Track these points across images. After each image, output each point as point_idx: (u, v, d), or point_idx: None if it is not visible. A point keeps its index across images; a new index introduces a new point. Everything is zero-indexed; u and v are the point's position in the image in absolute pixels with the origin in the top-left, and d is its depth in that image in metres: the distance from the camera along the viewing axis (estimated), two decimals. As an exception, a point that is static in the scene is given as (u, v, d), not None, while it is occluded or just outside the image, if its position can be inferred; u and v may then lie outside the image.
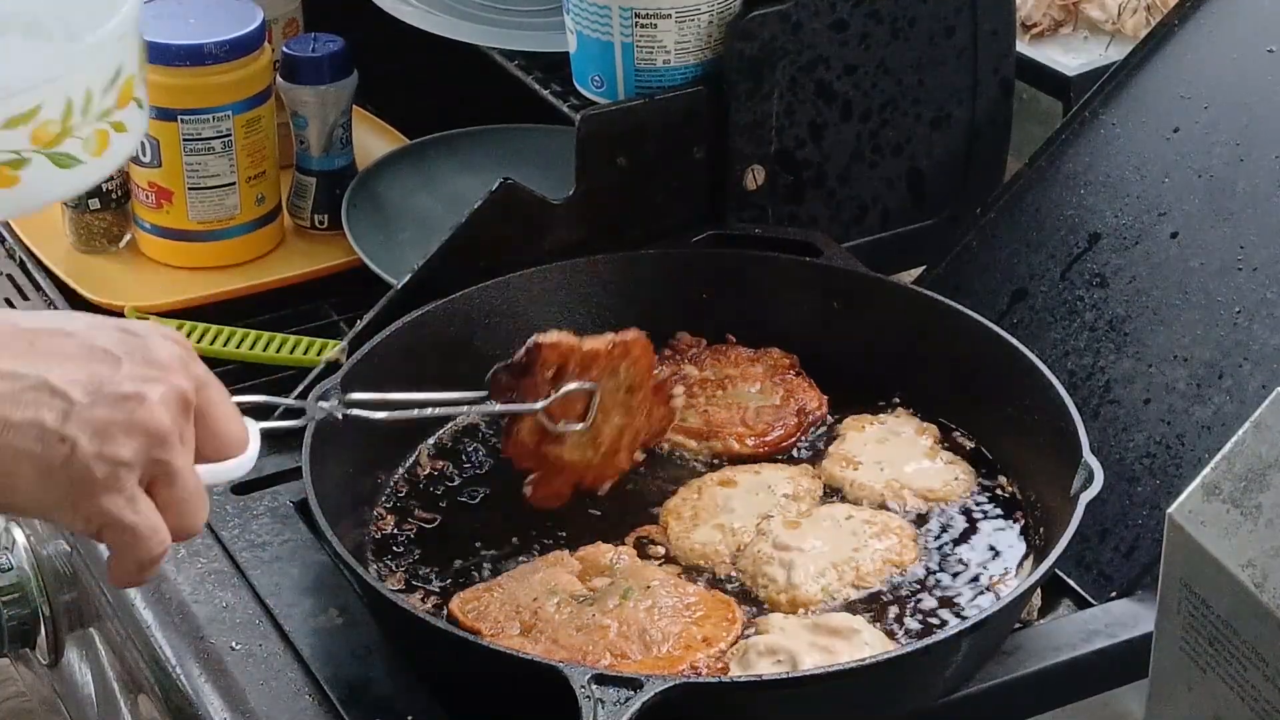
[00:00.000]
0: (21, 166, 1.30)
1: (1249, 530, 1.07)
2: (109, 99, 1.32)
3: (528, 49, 1.65)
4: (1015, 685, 1.29)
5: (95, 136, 1.32)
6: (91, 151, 1.33)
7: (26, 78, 1.28)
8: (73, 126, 1.30)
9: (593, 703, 1.15)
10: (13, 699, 1.94)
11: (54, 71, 1.29)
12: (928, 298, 1.51)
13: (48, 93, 1.28)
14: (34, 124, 1.28)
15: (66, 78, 1.29)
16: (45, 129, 1.29)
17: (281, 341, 1.63)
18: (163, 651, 1.34)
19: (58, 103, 1.29)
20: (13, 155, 1.29)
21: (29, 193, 1.31)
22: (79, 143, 1.31)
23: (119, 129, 1.34)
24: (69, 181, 1.32)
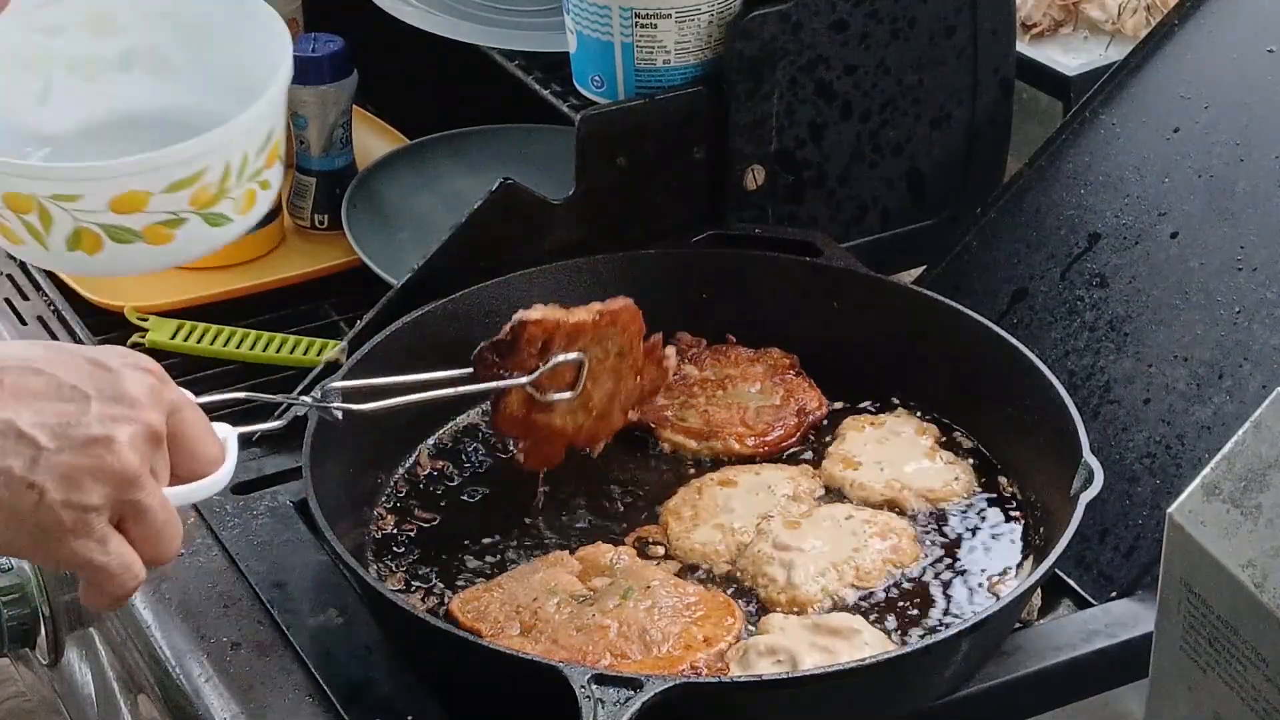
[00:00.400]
0: (178, 226, 1.35)
1: (1249, 530, 1.07)
2: (260, 160, 1.38)
3: (528, 49, 1.65)
4: (1015, 685, 1.29)
5: (245, 196, 1.38)
6: (240, 210, 1.39)
7: (199, 148, 1.33)
8: (228, 189, 1.36)
9: (593, 703, 1.15)
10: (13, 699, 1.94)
11: (222, 140, 1.34)
12: (928, 298, 1.51)
13: (212, 160, 1.34)
14: (195, 188, 1.34)
15: (230, 145, 1.34)
16: (204, 192, 1.35)
17: (281, 341, 1.63)
18: (163, 651, 1.34)
19: (219, 168, 1.34)
20: (170, 216, 1.34)
21: (178, 249, 1.37)
22: (231, 203, 1.37)
23: (264, 186, 1.40)
24: (217, 238, 1.37)
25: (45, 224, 1.34)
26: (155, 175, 1.33)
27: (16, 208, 1.33)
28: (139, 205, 1.33)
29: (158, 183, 1.33)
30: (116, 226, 1.33)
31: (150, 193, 1.33)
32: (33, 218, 1.33)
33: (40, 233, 1.34)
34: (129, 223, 1.34)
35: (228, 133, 1.35)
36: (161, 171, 1.33)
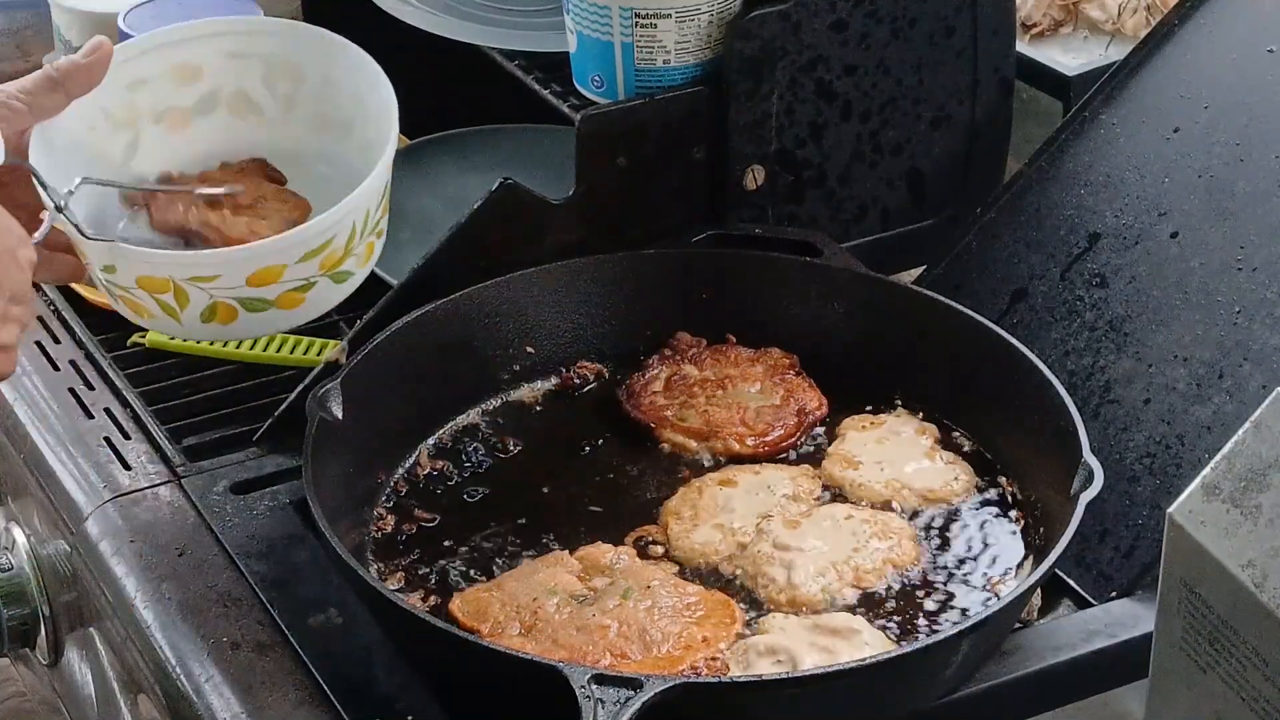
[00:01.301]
0: (308, 290, 1.37)
1: (1249, 530, 1.07)
2: (379, 213, 1.40)
3: (528, 49, 1.65)
4: (1015, 685, 1.29)
5: (366, 250, 1.40)
6: (361, 264, 1.41)
7: (332, 219, 1.36)
8: (353, 247, 1.38)
9: (593, 703, 1.15)
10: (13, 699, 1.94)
11: (352, 207, 1.36)
12: (928, 298, 1.51)
13: (340, 227, 1.36)
14: (325, 254, 1.36)
15: (357, 209, 1.37)
16: (332, 255, 1.37)
17: (281, 341, 1.63)
18: (163, 651, 1.34)
19: (346, 232, 1.37)
20: (302, 282, 1.36)
21: (307, 310, 1.39)
22: (354, 259, 1.39)
23: (379, 235, 1.42)
24: (341, 292, 1.41)
25: (181, 302, 1.36)
26: (289, 251, 1.35)
27: (151, 288, 1.35)
28: (274, 278, 1.35)
29: (292, 255, 1.35)
30: (252, 299, 1.36)
31: (285, 265, 1.35)
32: (168, 297, 1.35)
33: (175, 310, 1.36)
34: (264, 294, 1.36)
35: (357, 199, 1.37)
36: (295, 247, 1.35)
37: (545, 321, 1.53)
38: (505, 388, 1.52)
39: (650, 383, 1.51)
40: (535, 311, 1.53)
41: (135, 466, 1.50)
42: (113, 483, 1.48)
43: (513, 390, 1.52)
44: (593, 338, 1.55)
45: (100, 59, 1.38)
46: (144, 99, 1.45)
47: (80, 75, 1.37)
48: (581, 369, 1.54)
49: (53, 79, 1.36)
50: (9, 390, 1.60)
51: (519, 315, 1.52)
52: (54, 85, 1.36)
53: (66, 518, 1.48)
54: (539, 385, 1.53)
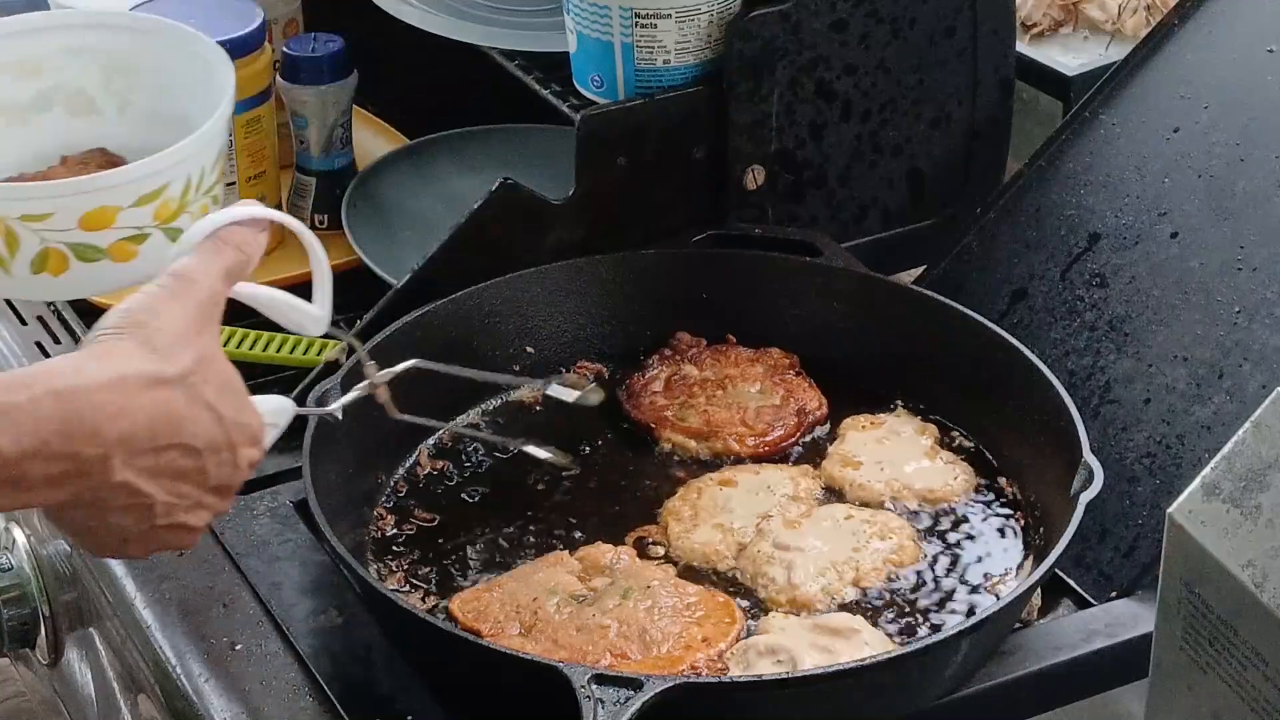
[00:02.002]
0: (141, 241, 1.36)
1: (1249, 530, 1.07)
2: (214, 175, 1.40)
3: (528, 49, 1.65)
4: (1015, 685, 1.29)
5: (200, 210, 1.39)
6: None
7: (167, 160, 1.36)
8: (187, 203, 1.38)
9: (593, 703, 1.15)
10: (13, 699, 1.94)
11: (186, 154, 1.36)
12: (928, 298, 1.51)
13: (174, 174, 1.36)
14: (159, 202, 1.36)
15: (192, 159, 1.37)
16: (166, 206, 1.36)
17: (281, 341, 1.63)
18: (163, 651, 1.34)
19: (181, 182, 1.37)
20: (135, 231, 1.35)
21: (139, 266, 1.38)
22: (188, 217, 1.38)
23: (215, 200, 1.42)
24: (174, 253, 1.37)
25: (11, 248, 1.35)
26: (125, 190, 1.35)
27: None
28: (108, 221, 1.35)
29: (126, 197, 1.35)
30: (84, 245, 1.35)
31: (119, 207, 1.35)
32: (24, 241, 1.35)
33: (4, 258, 1.35)
34: (96, 240, 1.35)
35: (191, 146, 1.37)
36: (131, 186, 1.35)
37: (545, 321, 1.53)
38: (505, 388, 1.52)
39: (650, 383, 1.51)
40: (535, 311, 1.53)
41: (135, 466, 1.49)
42: (113, 483, 1.48)
43: (513, 390, 1.52)
44: (593, 338, 1.55)
45: None
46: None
47: None
48: (581, 369, 1.54)
49: None
50: (9, 390, 1.59)
51: (519, 315, 1.52)
52: None
53: (66, 518, 1.48)
54: (539, 385, 1.53)
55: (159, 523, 1.16)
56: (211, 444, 1.16)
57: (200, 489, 1.17)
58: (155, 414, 1.13)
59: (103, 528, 1.16)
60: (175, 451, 1.14)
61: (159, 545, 1.19)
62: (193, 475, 1.16)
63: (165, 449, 1.14)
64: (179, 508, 1.16)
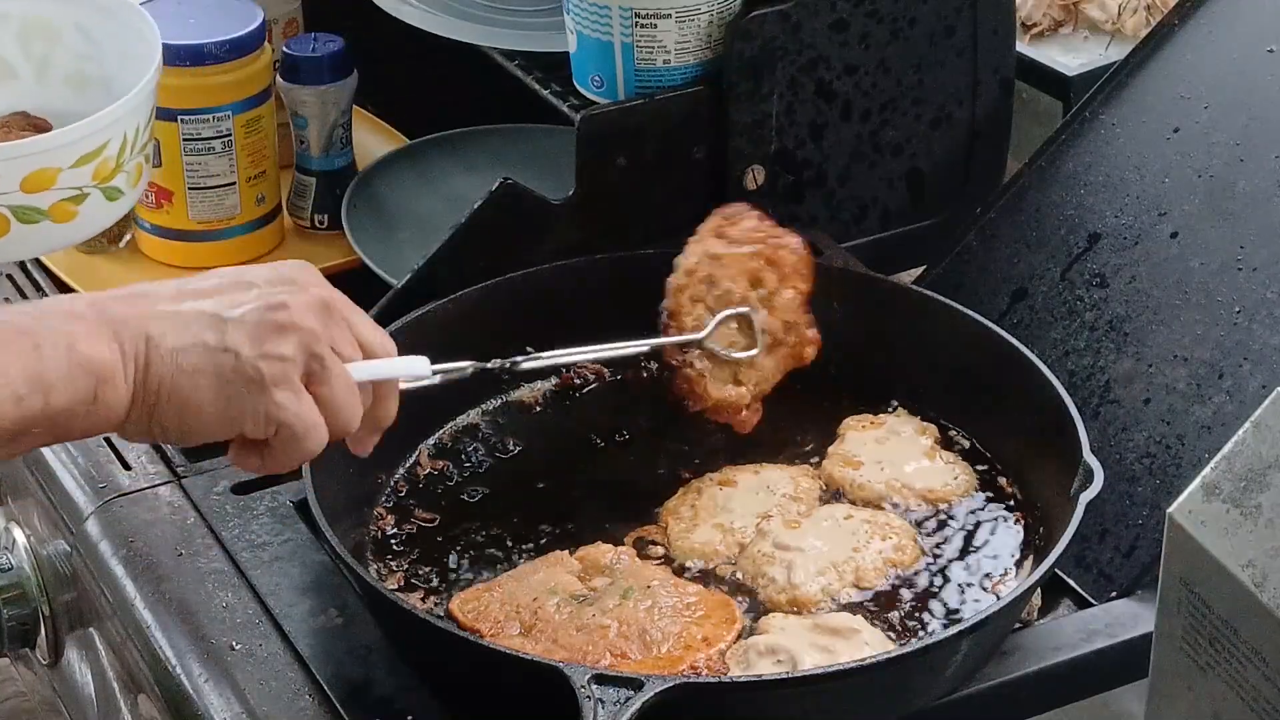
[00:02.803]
0: (81, 201, 1.37)
1: (1249, 530, 1.07)
2: (145, 134, 1.42)
3: (528, 49, 1.65)
4: (1015, 685, 1.29)
5: (135, 169, 1.41)
6: (131, 183, 1.42)
7: (105, 120, 1.37)
8: (124, 162, 1.39)
9: (593, 703, 1.15)
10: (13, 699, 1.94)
11: (123, 112, 1.38)
12: (928, 298, 1.51)
13: (112, 132, 1.37)
14: (97, 161, 1.37)
15: (126, 118, 1.38)
16: (104, 166, 1.38)
17: (282, 341, 1.63)
18: (163, 651, 1.34)
19: (118, 140, 1.38)
20: (75, 191, 1.37)
21: (79, 226, 1.39)
22: (125, 176, 1.40)
23: (148, 160, 1.44)
24: (113, 212, 1.41)
25: None
26: (65, 151, 1.36)
27: None
28: (48, 183, 1.36)
29: (67, 158, 1.36)
30: (25, 207, 1.36)
31: (60, 169, 1.36)
32: None
33: None
34: (37, 202, 1.36)
35: (128, 104, 1.38)
36: (71, 147, 1.36)
37: (545, 321, 1.53)
38: (505, 388, 1.52)
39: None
40: (535, 311, 1.53)
41: (135, 466, 1.50)
42: (113, 483, 1.48)
43: (513, 390, 1.52)
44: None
45: None
46: None
47: None
48: (581, 369, 1.54)
49: None
50: (9, 390, 1.59)
51: (519, 315, 1.52)
52: None
53: (66, 518, 1.48)
54: (539, 385, 1.53)
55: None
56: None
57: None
58: None
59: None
60: None
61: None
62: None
63: None
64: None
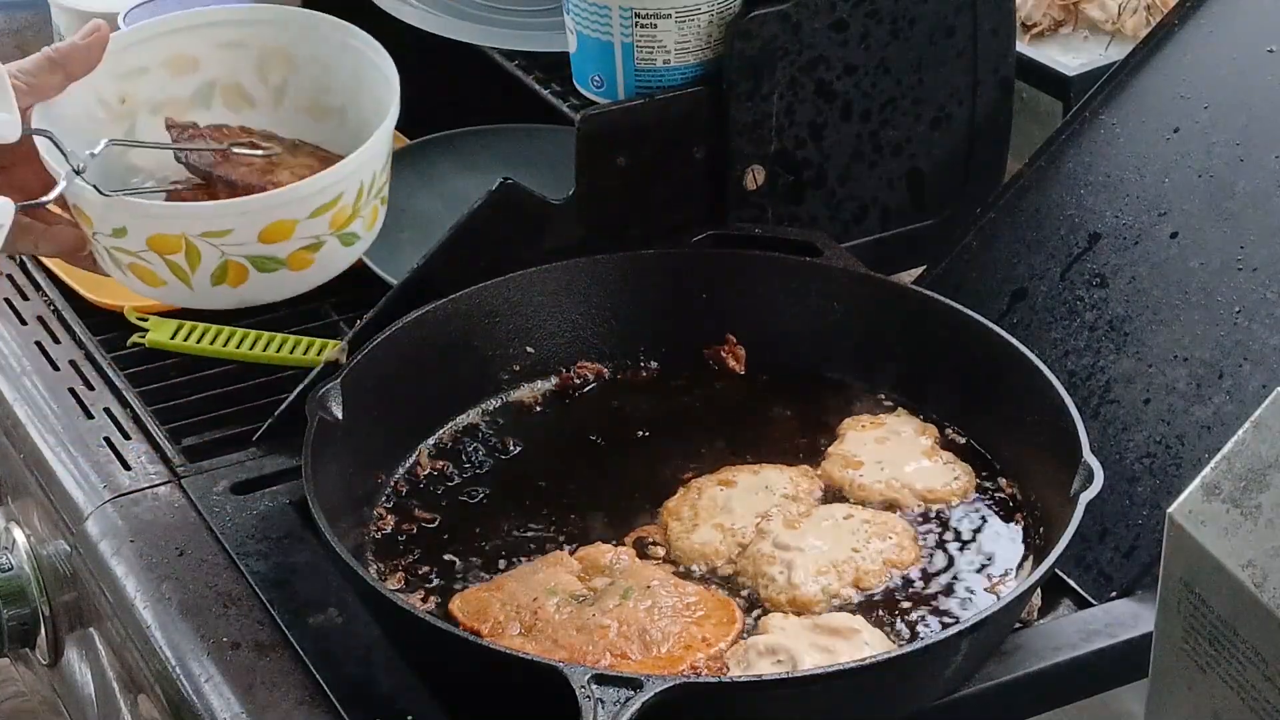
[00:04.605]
0: (317, 249, 1.39)
1: (1249, 530, 1.07)
2: (384, 177, 1.43)
3: (528, 49, 1.65)
4: (1015, 685, 1.29)
5: (371, 213, 1.42)
6: (367, 227, 1.43)
7: (342, 172, 1.38)
8: (360, 208, 1.40)
9: (593, 703, 1.15)
10: (13, 699, 1.94)
11: (360, 163, 1.38)
12: (928, 298, 1.51)
13: (349, 183, 1.38)
14: (334, 211, 1.38)
15: (365, 166, 1.39)
16: (341, 214, 1.38)
17: (281, 341, 1.63)
18: (163, 651, 1.34)
19: (354, 189, 1.38)
20: (312, 240, 1.38)
21: (316, 272, 1.41)
22: (361, 221, 1.41)
23: (383, 201, 1.44)
24: (349, 256, 1.43)
25: (192, 262, 1.36)
26: (302, 204, 1.36)
27: (162, 249, 1.36)
28: (286, 234, 1.36)
29: (303, 210, 1.36)
30: (263, 256, 1.37)
31: (297, 220, 1.36)
32: (179, 257, 1.36)
33: (185, 271, 1.37)
34: (275, 251, 1.37)
35: (364, 155, 1.39)
36: (308, 200, 1.36)
37: (545, 321, 1.53)
38: (505, 388, 1.52)
39: None
40: (535, 311, 1.53)
41: (135, 466, 1.50)
42: (113, 483, 1.48)
43: (513, 390, 1.52)
44: (593, 338, 1.55)
45: (98, 40, 1.39)
46: (141, 89, 1.46)
47: (79, 56, 1.39)
48: (581, 369, 1.54)
49: (52, 59, 1.37)
50: (9, 390, 1.60)
51: (519, 315, 1.52)
52: (54, 66, 1.38)
53: (66, 518, 1.48)
54: (539, 385, 1.53)
55: None
56: None
57: None
58: None
59: None
60: None
61: None
62: None
63: None
64: None
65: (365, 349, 1.44)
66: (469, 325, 1.50)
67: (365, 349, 1.44)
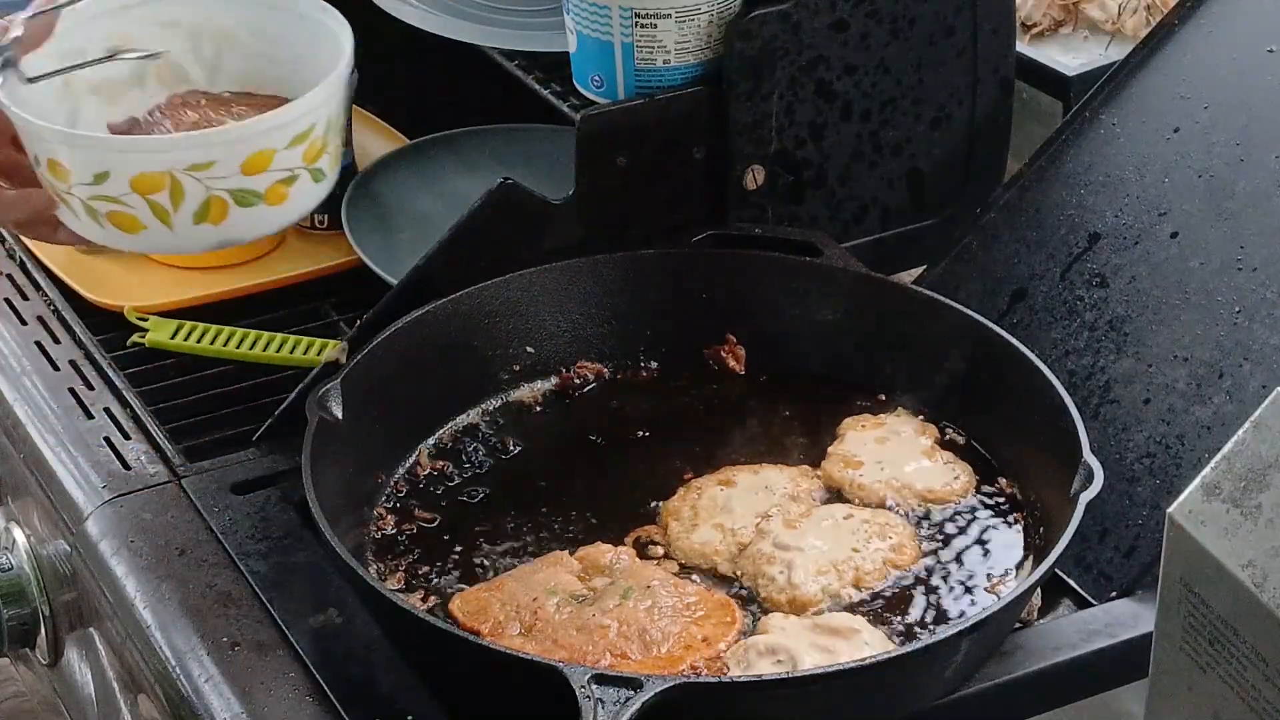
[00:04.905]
0: (292, 183, 1.40)
1: (1249, 530, 1.07)
2: (343, 117, 1.45)
3: (528, 49, 1.65)
4: (1015, 685, 1.29)
5: (335, 152, 1.43)
6: (332, 165, 1.44)
7: (316, 99, 1.40)
8: (328, 142, 1.41)
9: (593, 703, 1.15)
10: (13, 699, 1.94)
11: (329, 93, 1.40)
12: (928, 298, 1.51)
13: (320, 114, 1.40)
14: (307, 143, 1.39)
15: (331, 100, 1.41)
16: (313, 146, 1.40)
17: (281, 341, 1.63)
18: (163, 651, 1.34)
19: (324, 122, 1.40)
20: (287, 173, 1.39)
21: (290, 209, 1.42)
22: (328, 157, 1.42)
23: (346, 143, 1.47)
24: (316, 194, 1.45)
25: (176, 200, 1.37)
26: (281, 132, 1.38)
27: (145, 189, 1.36)
28: (265, 164, 1.38)
29: (282, 139, 1.38)
30: (244, 190, 1.38)
31: (275, 150, 1.38)
32: (162, 196, 1.37)
33: (167, 211, 1.38)
34: (254, 185, 1.38)
35: (331, 85, 1.41)
36: (287, 127, 1.38)
37: (545, 321, 1.53)
38: (505, 388, 1.52)
39: None
40: (535, 311, 1.53)
41: (135, 466, 1.50)
42: (113, 483, 1.48)
43: (513, 390, 1.52)
44: (593, 338, 1.55)
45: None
46: (81, 72, 1.46)
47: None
48: (581, 369, 1.54)
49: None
50: (9, 390, 1.60)
51: (519, 315, 1.52)
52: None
53: (66, 518, 1.48)
54: (539, 385, 1.53)
55: None
56: None
57: None
58: None
59: None
60: None
61: None
62: None
63: None
64: None
65: (365, 349, 1.44)
66: (469, 325, 1.50)
67: (365, 349, 1.44)
